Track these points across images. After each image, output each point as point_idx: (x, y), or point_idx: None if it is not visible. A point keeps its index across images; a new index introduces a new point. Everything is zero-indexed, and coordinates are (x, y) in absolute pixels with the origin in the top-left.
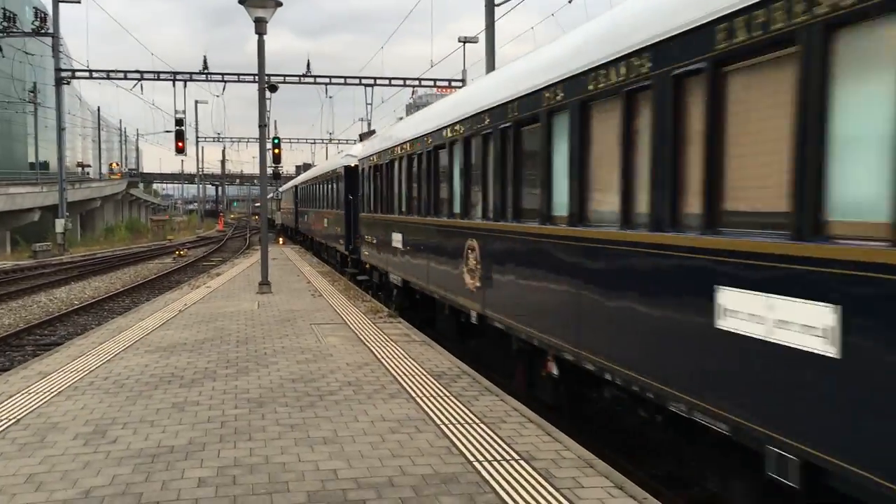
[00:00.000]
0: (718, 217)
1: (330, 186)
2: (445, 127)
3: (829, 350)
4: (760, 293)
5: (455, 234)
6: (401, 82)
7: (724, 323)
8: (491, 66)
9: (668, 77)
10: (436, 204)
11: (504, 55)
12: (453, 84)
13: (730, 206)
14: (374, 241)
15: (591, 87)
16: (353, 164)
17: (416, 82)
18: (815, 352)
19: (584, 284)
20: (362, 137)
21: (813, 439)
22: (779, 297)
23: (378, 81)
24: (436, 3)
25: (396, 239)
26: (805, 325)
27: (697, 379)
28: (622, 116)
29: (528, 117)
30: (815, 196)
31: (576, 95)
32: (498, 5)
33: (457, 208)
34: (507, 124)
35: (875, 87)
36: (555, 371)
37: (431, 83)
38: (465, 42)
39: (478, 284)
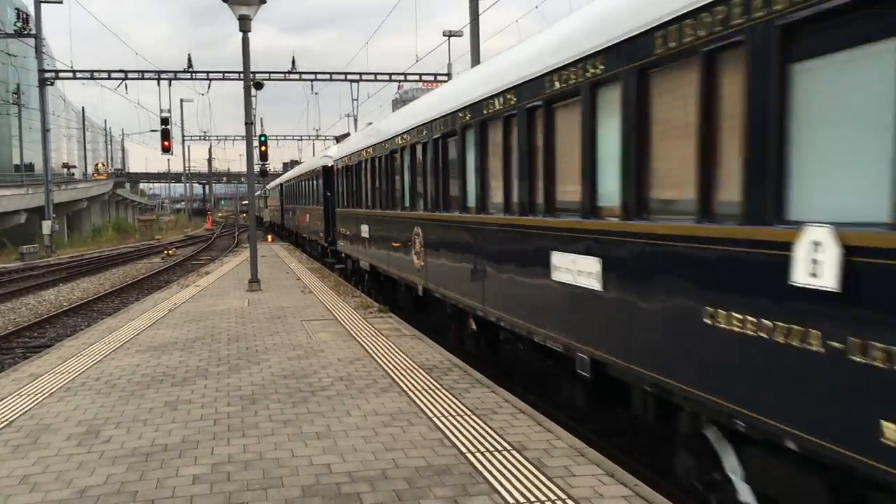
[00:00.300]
0: (552, 206)
1: (311, 184)
2: (396, 136)
3: (595, 285)
4: (568, 253)
5: (405, 223)
6: (386, 77)
7: (555, 275)
8: (476, 59)
9: (523, 110)
10: (392, 198)
11: (489, 48)
12: (439, 78)
13: (558, 198)
14: (347, 233)
15: (484, 112)
16: (329, 164)
17: (402, 77)
18: (593, 287)
19: (484, 258)
20: (338, 140)
21: (594, 344)
22: (574, 254)
23: (363, 77)
24: None
25: (364, 230)
26: (587, 272)
27: (546, 317)
28: (501, 137)
29: (450, 131)
30: (591, 192)
31: (475, 118)
32: None
33: (406, 202)
34: (437, 136)
35: (612, 126)
36: (473, 326)
37: (417, 77)
38: (449, 36)
39: (422, 264)
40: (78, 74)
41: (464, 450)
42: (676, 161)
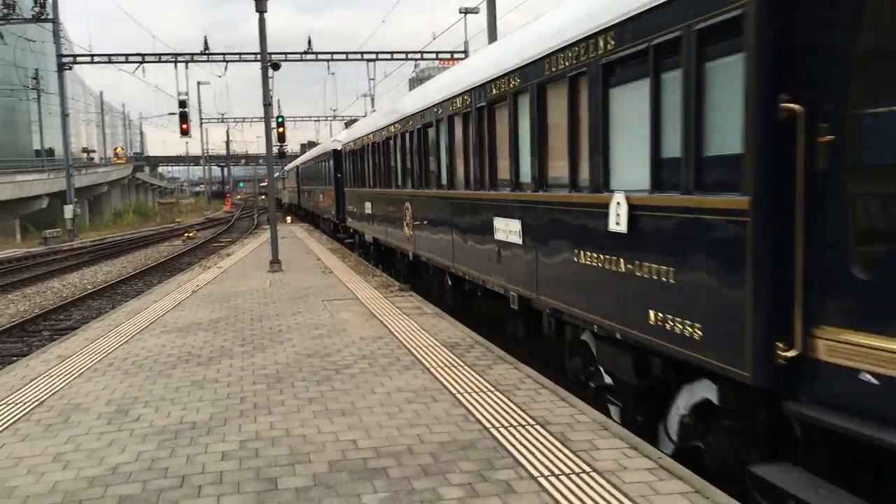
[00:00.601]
0: (494, 183)
1: (323, 166)
2: (388, 125)
3: (518, 241)
4: (503, 217)
5: (399, 199)
6: (402, 56)
7: (496, 235)
8: (493, 36)
9: (473, 109)
10: (388, 178)
11: (506, 24)
12: (455, 56)
13: (497, 177)
14: (354, 210)
15: (451, 110)
16: (338, 148)
17: (418, 56)
18: (517, 242)
19: (453, 225)
20: (347, 125)
21: (522, 285)
22: (507, 218)
23: (380, 56)
24: None
25: (367, 206)
26: (513, 231)
27: (491, 268)
28: (459, 129)
29: (431, 122)
30: (516, 171)
31: (441, 114)
32: None
33: (399, 181)
34: (417, 126)
35: (525, 124)
36: (449, 283)
37: (434, 56)
38: (466, 13)
39: (411, 234)
40: (96, 59)
41: (487, 425)
42: (558, 150)
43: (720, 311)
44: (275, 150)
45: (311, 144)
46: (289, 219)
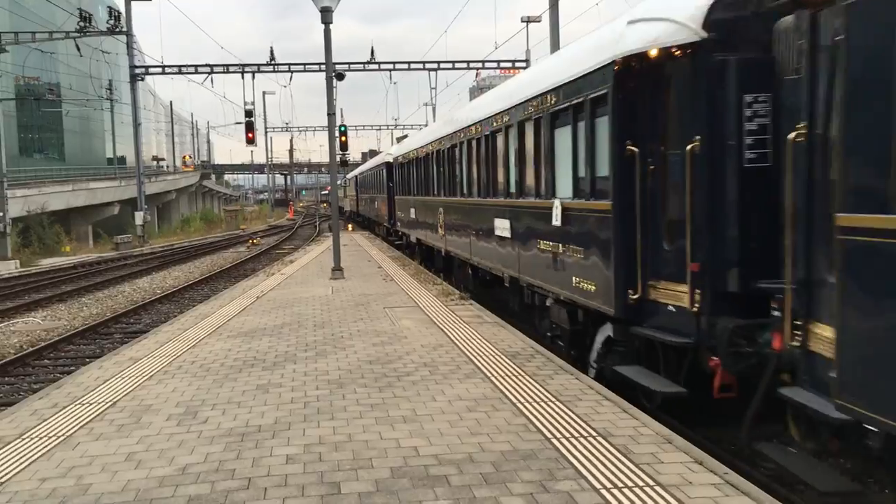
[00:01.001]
0: (493, 191)
1: (377, 177)
2: (426, 144)
3: (508, 235)
4: (500, 218)
5: (434, 205)
6: (464, 65)
7: (496, 232)
8: (556, 44)
9: (482, 135)
10: (426, 187)
11: (569, 33)
12: (517, 65)
13: (497, 188)
14: (402, 216)
15: (465, 136)
16: (390, 161)
17: (480, 65)
18: (507, 236)
19: (469, 225)
20: (399, 140)
21: (509, 268)
22: (502, 219)
23: (441, 65)
24: None
25: (412, 212)
26: (505, 227)
27: (494, 257)
28: (472, 150)
29: (454, 144)
30: (507, 184)
31: (456, 141)
32: None
33: (435, 190)
34: (444, 148)
35: (511, 149)
36: (469, 271)
37: (495, 65)
38: (528, 22)
39: (443, 234)
40: (167, 69)
41: (549, 435)
42: (530, 170)
43: (602, 272)
44: (338, 158)
45: (373, 153)
46: (350, 227)
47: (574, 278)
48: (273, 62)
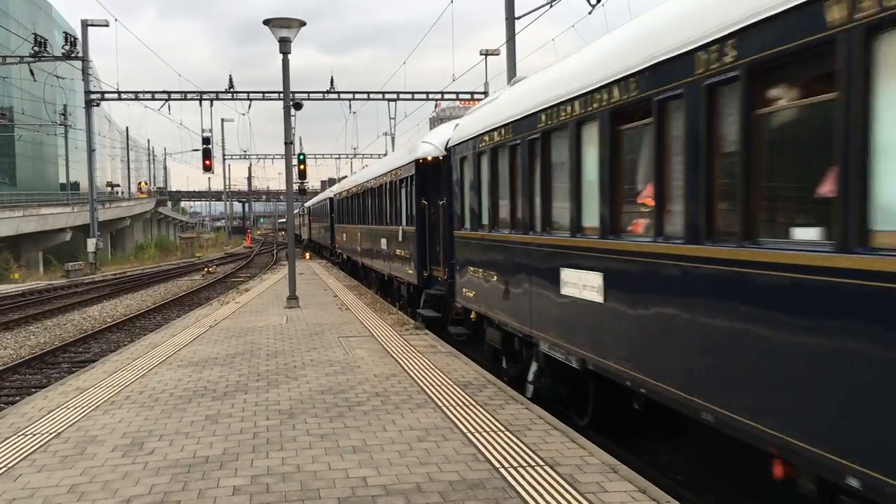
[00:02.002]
0: (374, 221)
1: (324, 209)
2: (349, 188)
3: (385, 247)
4: (380, 237)
5: (353, 230)
6: (423, 96)
7: (378, 243)
8: (512, 78)
9: (367, 189)
10: (350, 217)
11: (526, 66)
12: (475, 97)
13: (374, 219)
14: (339, 239)
15: (363, 187)
16: (332, 196)
17: (439, 96)
18: (384, 248)
19: (363, 240)
20: (333, 182)
21: (385, 267)
22: (381, 236)
23: (401, 96)
24: (458, 16)
25: (344, 236)
26: (388, 237)
27: (378, 261)
28: (367, 197)
29: (362, 191)
30: (378, 218)
31: (361, 190)
32: (518, 18)
33: (355, 219)
34: (359, 192)
35: (376, 201)
36: (373, 274)
37: (454, 96)
38: (486, 55)
39: (359, 248)
40: (123, 95)
41: (497, 465)
42: (385, 210)
43: (412, 263)
44: (295, 186)
45: (332, 181)
46: (307, 255)
47: (401, 270)
48: (232, 90)
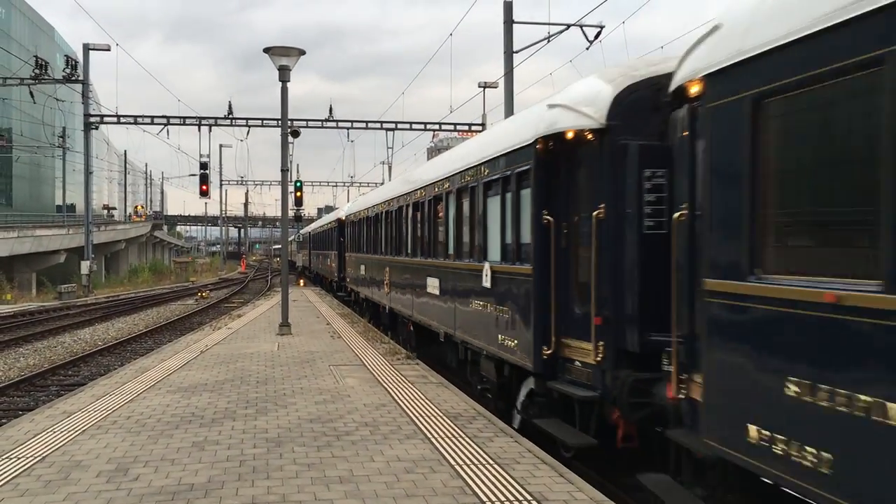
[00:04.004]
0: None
1: (330, 234)
2: (358, 210)
3: (362, 272)
4: (432, 277)
5: (378, 263)
6: (421, 126)
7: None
8: (510, 110)
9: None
10: (369, 246)
11: (524, 98)
12: (473, 128)
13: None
14: (350, 271)
15: (357, 218)
16: (342, 217)
17: (437, 126)
18: (362, 275)
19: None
20: (349, 200)
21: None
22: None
23: (399, 126)
24: (457, 49)
25: (360, 267)
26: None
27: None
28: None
29: (360, 219)
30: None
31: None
32: (517, 52)
33: (381, 248)
34: (357, 219)
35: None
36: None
37: (452, 127)
38: (484, 87)
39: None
40: (122, 119)
41: (484, 498)
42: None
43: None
44: (291, 213)
45: (328, 209)
46: (301, 282)
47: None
48: (231, 116)
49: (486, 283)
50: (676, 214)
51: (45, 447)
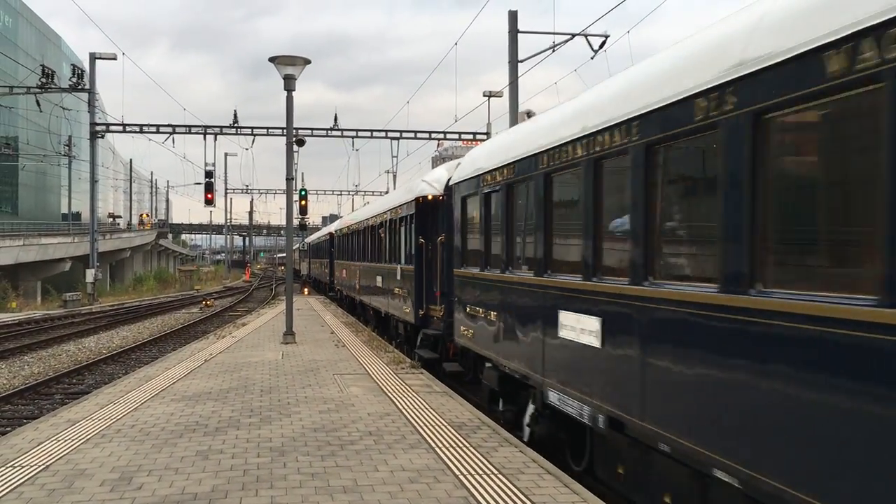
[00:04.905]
0: (375, 258)
1: (324, 245)
2: (340, 228)
3: (380, 283)
4: (377, 274)
5: (351, 267)
6: (426, 135)
7: (375, 282)
8: (514, 120)
9: (367, 227)
10: (347, 254)
11: (530, 107)
12: (477, 137)
13: (375, 256)
14: (337, 274)
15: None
16: (333, 232)
17: (442, 135)
18: (379, 284)
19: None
20: (353, 209)
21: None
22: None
23: (403, 134)
24: (462, 58)
25: (343, 272)
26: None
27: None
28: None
29: (347, 233)
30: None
31: (348, 231)
32: (522, 62)
33: (354, 256)
34: (345, 232)
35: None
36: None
37: (456, 136)
38: (489, 96)
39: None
40: (128, 128)
41: None
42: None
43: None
44: (296, 222)
45: (332, 217)
46: (306, 290)
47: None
48: (236, 125)
49: (398, 276)
50: (440, 239)
51: (48, 456)
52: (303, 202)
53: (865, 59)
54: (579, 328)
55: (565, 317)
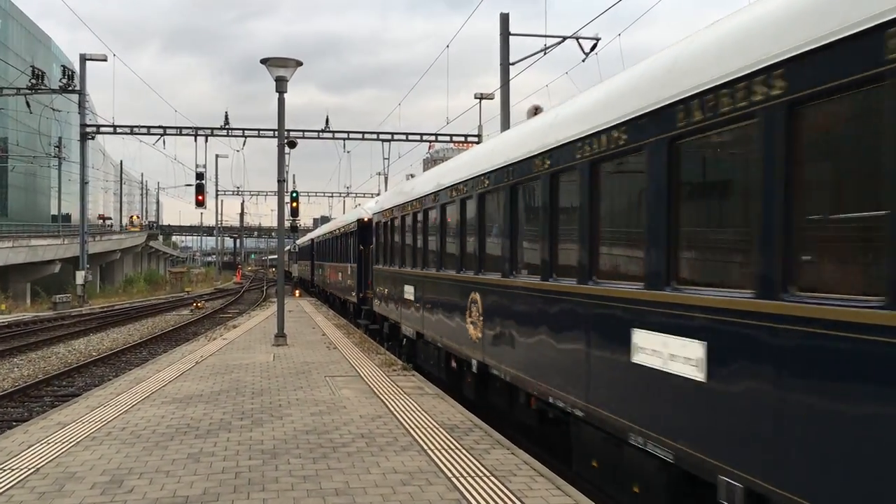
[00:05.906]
0: (342, 260)
1: (303, 250)
2: (316, 236)
3: (306, 267)
4: (340, 272)
5: (337, 266)
6: (417, 138)
7: (338, 277)
8: (506, 123)
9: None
10: (316, 256)
11: (521, 110)
12: (469, 139)
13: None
14: (318, 272)
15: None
16: (366, 218)
17: (433, 138)
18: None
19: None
20: (345, 212)
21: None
22: (340, 272)
23: (395, 137)
24: (454, 60)
25: (314, 266)
26: (340, 275)
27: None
28: (329, 243)
29: (315, 240)
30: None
31: (323, 238)
32: (513, 64)
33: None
34: (322, 239)
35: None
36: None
37: (448, 138)
38: (481, 99)
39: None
40: (118, 129)
41: None
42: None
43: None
44: (287, 223)
45: (324, 219)
46: (297, 292)
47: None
48: (227, 126)
49: (349, 271)
50: (371, 246)
51: (39, 458)
52: (294, 204)
53: (747, 98)
54: (407, 294)
55: (407, 289)
